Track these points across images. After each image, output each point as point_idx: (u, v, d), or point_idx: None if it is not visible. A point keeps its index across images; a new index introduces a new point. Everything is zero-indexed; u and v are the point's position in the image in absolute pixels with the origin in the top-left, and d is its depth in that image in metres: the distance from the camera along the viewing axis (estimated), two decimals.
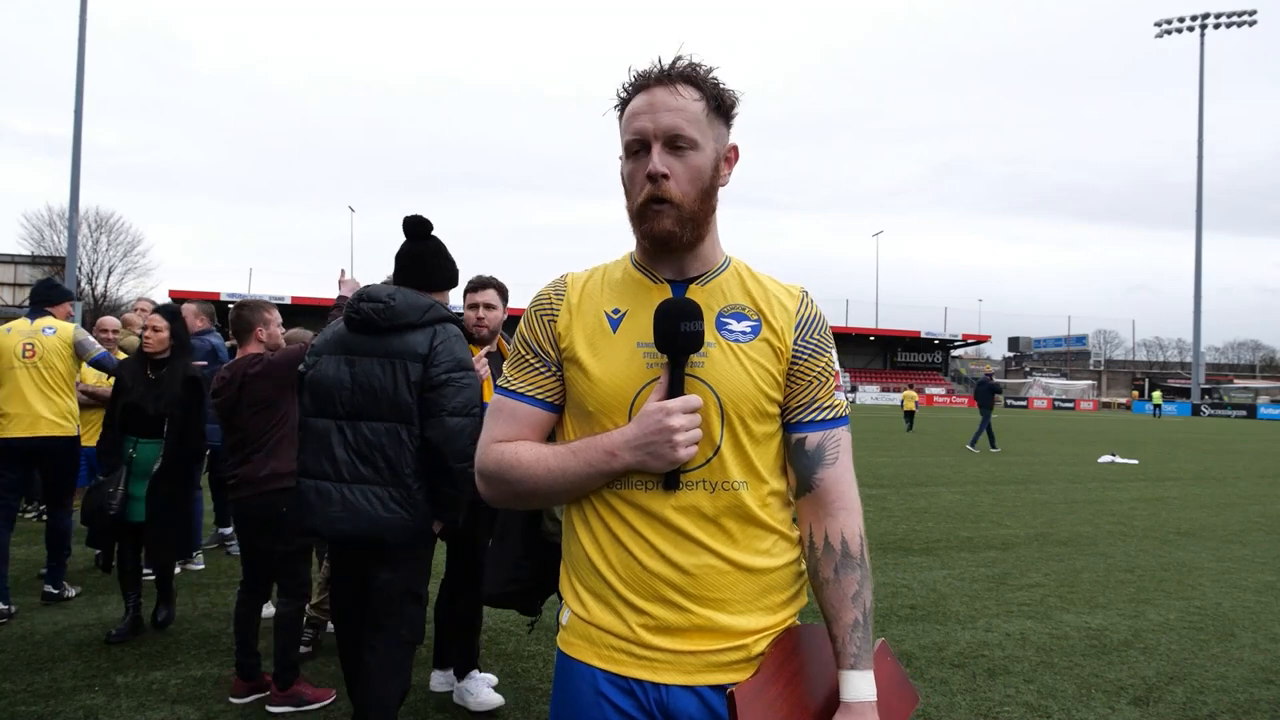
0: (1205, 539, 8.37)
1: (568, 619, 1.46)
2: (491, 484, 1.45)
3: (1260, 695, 4.15)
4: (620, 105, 1.41)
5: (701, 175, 1.37)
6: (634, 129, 1.36)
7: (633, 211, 1.40)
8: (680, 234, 1.37)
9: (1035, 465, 15.55)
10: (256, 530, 3.78)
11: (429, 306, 3.00)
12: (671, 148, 1.35)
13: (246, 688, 3.77)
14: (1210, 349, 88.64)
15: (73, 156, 25.11)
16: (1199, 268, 52.97)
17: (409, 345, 2.90)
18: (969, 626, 5.16)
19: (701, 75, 1.38)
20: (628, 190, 1.41)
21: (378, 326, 2.91)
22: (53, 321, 5.24)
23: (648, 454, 1.32)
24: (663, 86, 1.36)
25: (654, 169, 1.34)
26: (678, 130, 1.34)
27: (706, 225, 1.41)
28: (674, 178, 1.35)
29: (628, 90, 1.40)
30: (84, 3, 24.69)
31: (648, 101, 1.36)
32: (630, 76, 1.40)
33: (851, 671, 1.36)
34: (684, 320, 1.32)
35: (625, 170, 1.41)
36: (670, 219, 1.35)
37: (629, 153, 1.39)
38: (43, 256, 43.40)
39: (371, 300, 2.91)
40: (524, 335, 1.49)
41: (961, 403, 64.23)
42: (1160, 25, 56.15)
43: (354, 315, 2.94)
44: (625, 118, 1.39)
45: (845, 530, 1.42)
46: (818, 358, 1.44)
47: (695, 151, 1.36)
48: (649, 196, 1.36)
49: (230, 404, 3.78)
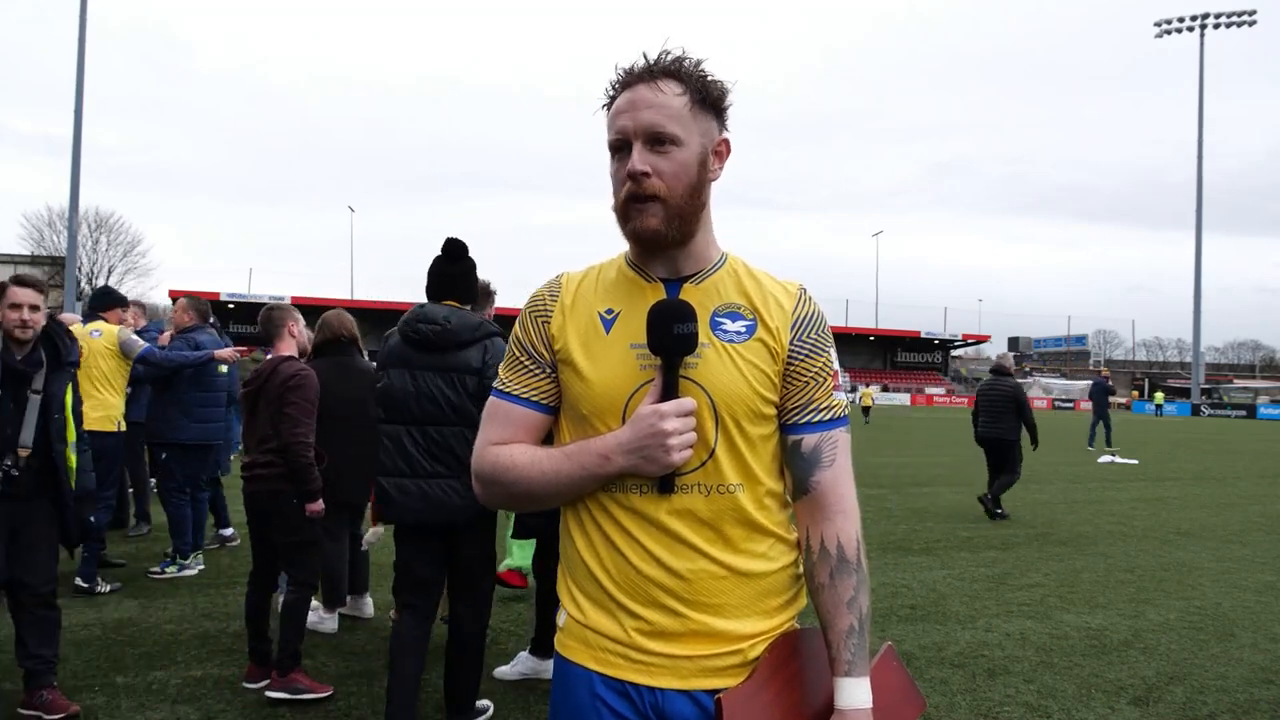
0: (1205, 539, 8.37)
1: (564, 622, 1.45)
2: (487, 487, 1.44)
3: (1260, 695, 4.15)
4: (608, 103, 1.39)
5: (687, 171, 1.34)
6: (616, 128, 1.35)
7: (616, 209, 1.37)
8: (666, 231, 1.34)
9: (1035, 465, 15.51)
10: (264, 521, 3.94)
11: (479, 324, 3.38)
12: (653, 145, 1.33)
13: (260, 673, 3.87)
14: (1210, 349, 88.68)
15: (73, 156, 25.16)
16: (1199, 268, 53.00)
17: (464, 361, 3.30)
18: (969, 626, 5.15)
19: (686, 69, 1.35)
20: (613, 189, 1.38)
21: (436, 346, 3.29)
22: (101, 325, 5.70)
23: (641, 458, 1.30)
24: (644, 83, 1.34)
25: (633, 168, 1.32)
26: (658, 127, 1.32)
27: (696, 222, 1.38)
28: (658, 174, 1.32)
29: (614, 88, 1.38)
30: (84, 3, 24.71)
31: (629, 99, 1.34)
32: (616, 74, 1.37)
33: (846, 679, 1.34)
34: (677, 322, 1.30)
35: (610, 169, 1.39)
36: (656, 217, 1.33)
37: (612, 152, 1.37)
38: (42, 256, 43.46)
39: (430, 323, 3.30)
40: (518, 337, 1.47)
41: (961, 403, 64.24)
42: (1160, 25, 56.16)
43: (413, 335, 3.31)
44: (609, 117, 1.37)
45: (842, 534, 1.39)
46: (815, 358, 1.41)
47: (679, 147, 1.33)
48: (629, 195, 1.34)
49: (254, 397, 3.95)
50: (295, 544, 3.88)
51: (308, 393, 3.86)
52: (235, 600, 5.28)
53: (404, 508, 3.28)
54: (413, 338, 3.32)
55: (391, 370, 3.35)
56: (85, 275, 52.30)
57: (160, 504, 6.14)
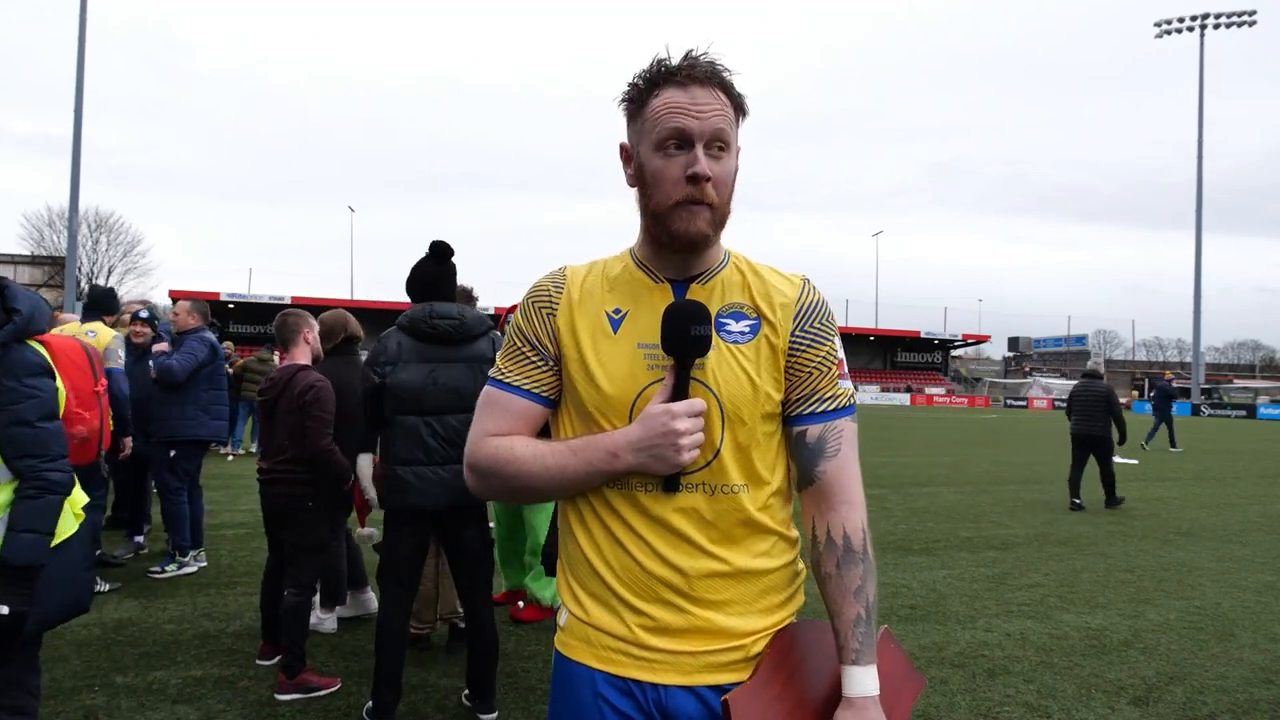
0: (1205, 539, 8.37)
1: (565, 620, 1.45)
2: (483, 478, 1.42)
3: (1260, 695, 4.15)
4: (637, 95, 1.37)
5: (732, 178, 1.37)
6: (674, 125, 1.31)
7: (662, 209, 1.34)
8: (712, 236, 1.36)
9: (1035, 465, 15.54)
10: (279, 522, 4.14)
11: (483, 318, 3.67)
12: (711, 150, 1.33)
13: (272, 650, 4.13)
14: (1210, 349, 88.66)
15: (73, 156, 25.14)
16: (1199, 268, 52.93)
17: (480, 351, 3.58)
18: (969, 626, 5.15)
19: (729, 79, 1.36)
20: (652, 185, 1.34)
21: (454, 339, 3.52)
22: (96, 326, 5.61)
23: (651, 456, 1.30)
24: (701, 86, 1.32)
25: (701, 170, 1.30)
26: (723, 134, 1.33)
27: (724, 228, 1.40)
28: (714, 180, 1.33)
29: (646, 80, 1.35)
30: (84, 3, 24.70)
31: (690, 98, 1.31)
32: (652, 66, 1.34)
33: (854, 667, 1.35)
34: (694, 324, 1.30)
35: (653, 165, 1.34)
36: (705, 221, 1.33)
37: (660, 147, 1.33)
38: (43, 256, 43.45)
39: (446, 318, 3.52)
40: (520, 327, 1.45)
41: (961, 403, 64.21)
42: (1160, 25, 56.11)
43: (431, 330, 3.50)
44: (658, 110, 1.32)
45: (847, 524, 1.40)
46: (818, 347, 1.41)
47: (729, 155, 1.35)
48: (688, 197, 1.32)
49: (271, 405, 4.04)
50: (304, 548, 3.96)
51: (325, 404, 3.93)
52: (235, 600, 5.28)
53: (423, 493, 3.42)
54: (430, 333, 3.50)
55: (403, 365, 3.49)
56: (85, 275, 52.28)
57: (159, 501, 6.13)
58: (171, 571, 5.77)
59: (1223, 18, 53.68)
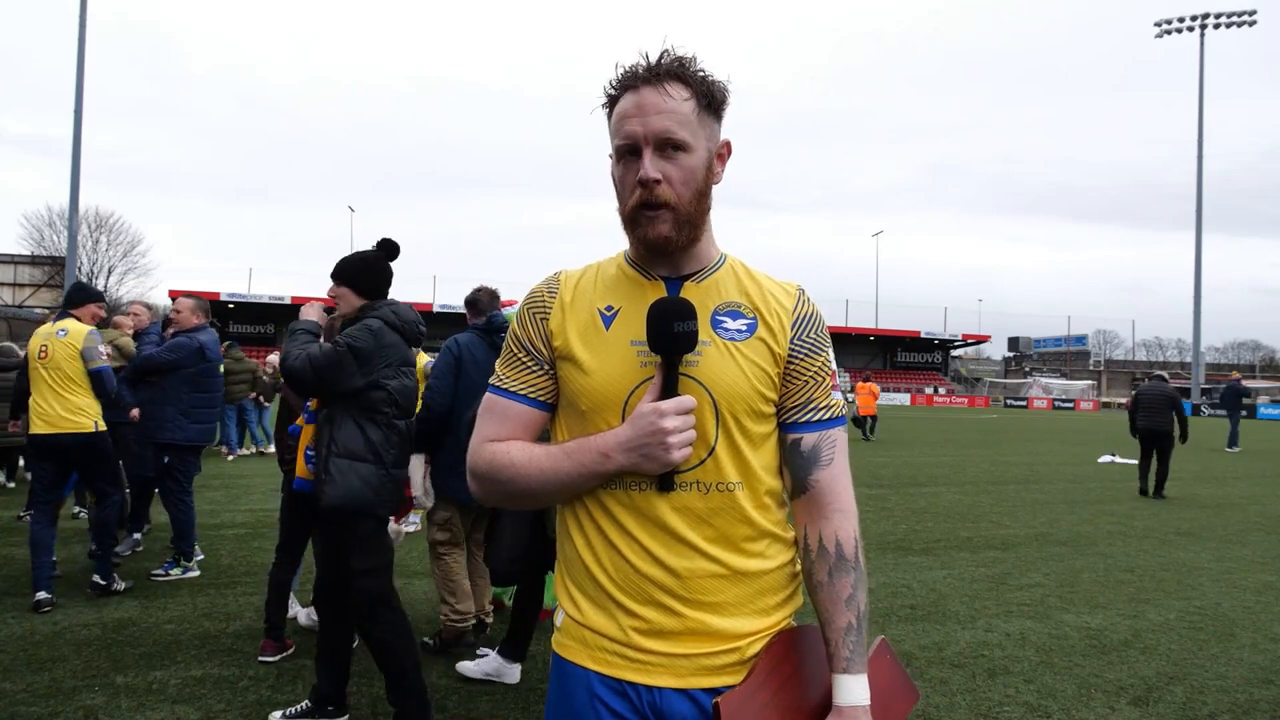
0: (1205, 539, 8.37)
1: (562, 621, 1.45)
2: (483, 484, 1.43)
3: (1260, 695, 4.15)
4: (608, 104, 1.38)
5: (695, 177, 1.34)
6: (624, 133, 1.33)
7: (625, 216, 1.37)
8: (676, 238, 1.35)
9: (1035, 465, 15.54)
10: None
11: None
12: (663, 151, 1.32)
13: (274, 648, 4.23)
14: (1210, 349, 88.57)
15: (73, 157, 25.10)
16: (1199, 268, 52.90)
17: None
18: (969, 626, 5.16)
19: (690, 72, 1.34)
20: (619, 194, 1.38)
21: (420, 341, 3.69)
22: (69, 324, 5.37)
23: (641, 456, 1.30)
24: (650, 86, 1.32)
25: (645, 175, 1.31)
26: (668, 134, 1.31)
27: (702, 225, 1.39)
28: (667, 181, 1.32)
29: (615, 89, 1.36)
30: (84, 3, 24.69)
31: (636, 103, 1.32)
32: (617, 74, 1.36)
33: (844, 675, 1.34)
34: (678, 320, 1.29)
35: (616, 173, 1.38)
36: (665, 224, 1.33)
37: (619, 156, 1.36)
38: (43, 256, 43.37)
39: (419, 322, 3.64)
40: (516, 333, 1.46)
41: (961, 403, 64.19)
42: (1160, 25, 56.08)
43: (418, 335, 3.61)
44: (614, 119, 1.36)
45: (840, 533, 1.40)
46: (814, 357, 1.42)
47: (687, 153, 1.33)
48: (640, 202, 1.33)
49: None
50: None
51: None
52: (235, 600, 5.29)
53: None
54: (417, 337, 3.59)
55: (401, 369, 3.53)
56: (85, 275, 52.29)
57: (162, 505, 6.12)
58: (175, 575, 5.76)
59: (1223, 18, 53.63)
